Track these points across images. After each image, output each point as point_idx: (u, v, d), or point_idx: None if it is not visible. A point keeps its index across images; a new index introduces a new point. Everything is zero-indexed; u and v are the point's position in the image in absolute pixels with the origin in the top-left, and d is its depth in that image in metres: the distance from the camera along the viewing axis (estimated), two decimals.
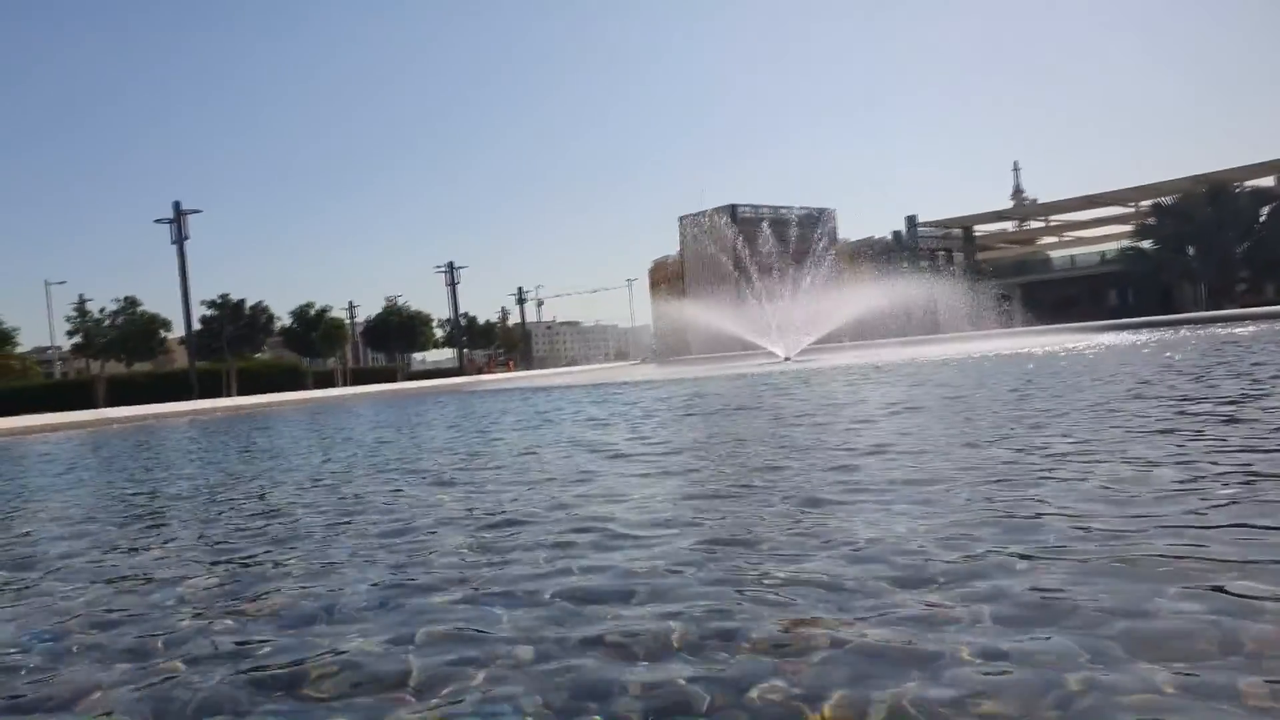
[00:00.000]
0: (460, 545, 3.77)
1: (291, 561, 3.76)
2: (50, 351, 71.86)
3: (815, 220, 68.18)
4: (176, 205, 42.43)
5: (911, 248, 79.12)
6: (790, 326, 37.62)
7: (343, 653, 2.46)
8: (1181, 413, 6.46)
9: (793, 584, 2.80)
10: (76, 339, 60.76)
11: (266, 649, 2.58)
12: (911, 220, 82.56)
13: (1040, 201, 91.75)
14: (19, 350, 56.52)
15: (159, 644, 2.71)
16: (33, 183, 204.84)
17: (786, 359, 33.85)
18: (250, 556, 3.94)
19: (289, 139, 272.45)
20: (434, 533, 4.12)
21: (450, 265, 70.43)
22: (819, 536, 3.41)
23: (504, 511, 4.52)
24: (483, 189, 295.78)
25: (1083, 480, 4.12)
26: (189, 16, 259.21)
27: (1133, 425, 5.94)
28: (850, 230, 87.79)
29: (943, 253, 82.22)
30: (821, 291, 40.93)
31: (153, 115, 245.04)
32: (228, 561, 3.89)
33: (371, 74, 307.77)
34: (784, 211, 70.58)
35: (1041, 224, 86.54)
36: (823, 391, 12.77)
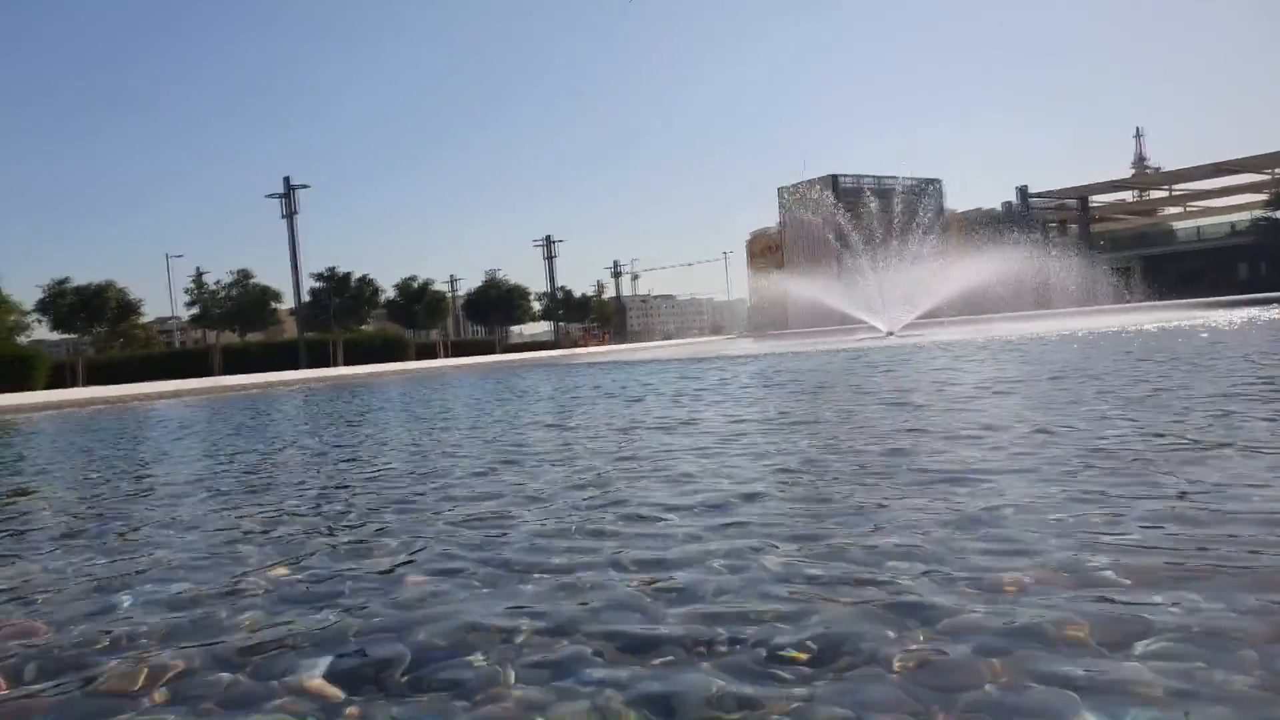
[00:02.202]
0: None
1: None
2: (171, 321, 75.49)
3: (921, 191, 65.99)
4: (287, 180, 43.76)
5: (1023, 219, 75.90)
6: (894, 300, 36.47)
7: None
8: None
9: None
10: (194, 310, 63.59)
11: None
12: (1023, 191, 79.25)
13: (1164, 170, 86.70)
14: (143, 320, 59.45)
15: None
16: (155, 160, 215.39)
17: (890, 334, 32.81)
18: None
19: (394, 116, 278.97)
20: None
21: (548, 239, 70.98)
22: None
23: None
24: (581, 163, 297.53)
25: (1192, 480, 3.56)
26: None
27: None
28: (958, 201, 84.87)
29: (1056, 225, 78.73)
30: (926, 264, 39.55)
31: (265, 94, 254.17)
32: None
33: (475, 52, 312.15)
34: (888, 182, 68.69)
35: (1164, 194, 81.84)
36: (934, 367, 12.11)
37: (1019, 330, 24.11)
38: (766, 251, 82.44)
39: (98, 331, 54.13)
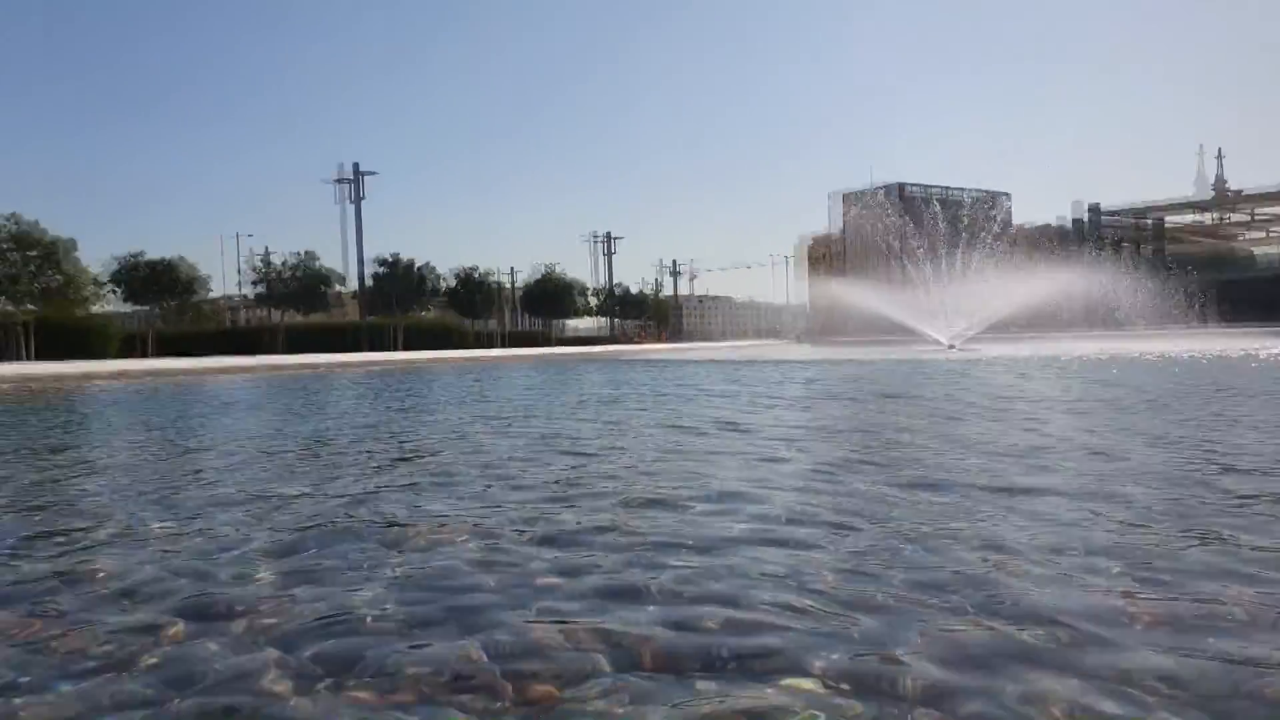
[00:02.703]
0: None
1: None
2: (235, 299, 77.09)
3: (988, 203, 64.79)
4: (355, 166, 44.49)
5: (1092, 236, 74.04)
6: (956, 312, 35.82)
7: None
8: None
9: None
10: (259, 289, 64.80)
11: None
12: (1094, 208, 77.31)
13: (1244, 192, 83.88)
14: (210, 296, 60.74)
15: None
16: (224, 140, 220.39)
17: (950, 346, 32.24)
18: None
19: (457, 106, 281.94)
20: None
21: (606, 235, 71.14)
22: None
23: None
24: (641, 159, 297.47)
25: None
26: None
27: None
28: (1025, 215, 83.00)
29: (1128, 244, 76.67)
30: (991, 278, 38.78)
31: (331, 80, 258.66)
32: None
33: (536, 46, 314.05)
34: (954, 193, 67.56)
35: (1246, 217, 79.15)
36: (1002, 382, 11.80)
37: (1088, 349, 23.48)
38: (826, 257, 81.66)
39: (167, 305, 55.50)
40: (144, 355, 34.93)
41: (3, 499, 4.36)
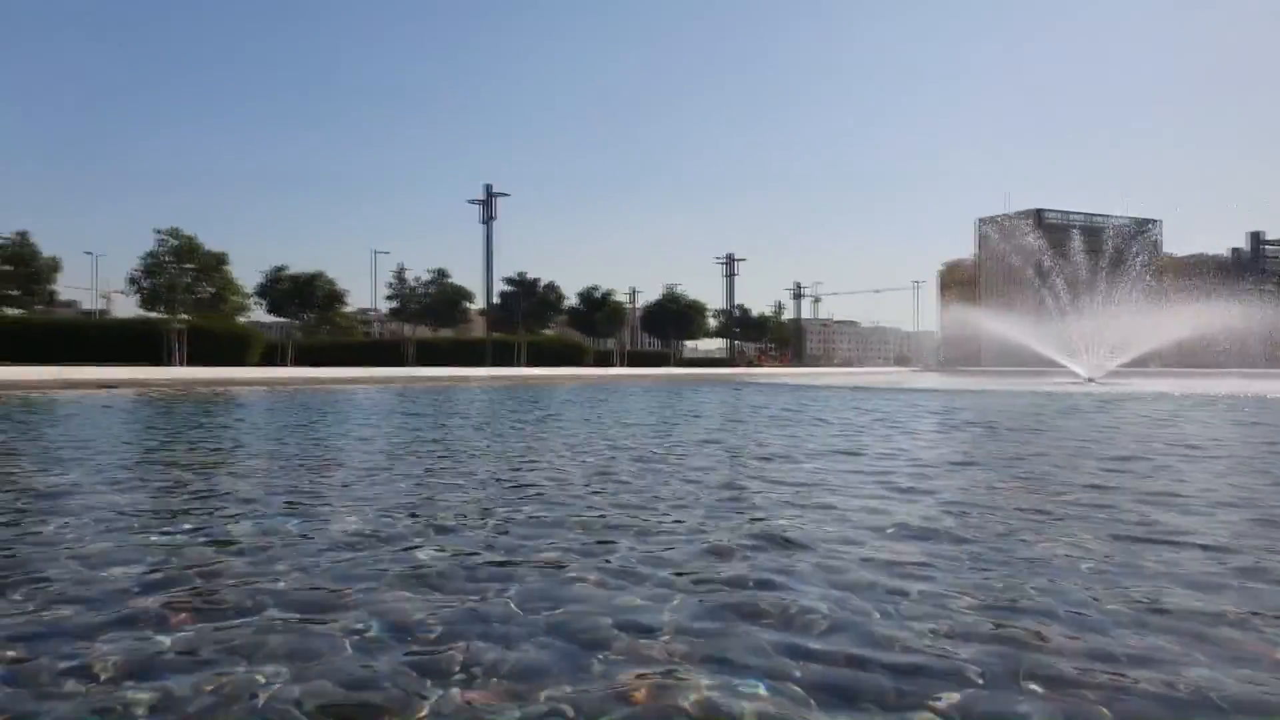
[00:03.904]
0: None
1: None
2: (370, 312, 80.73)
3: (1135, 231, 61.31)
4: (488, 188, 45.68)
5: (1255, 267, 69.07)
6: (1098, 345, 33.93)
7: None
8: None
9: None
10: (393, 304, 67.67)
11: None
12: (1256, 237, 72.19)
13: None
14: (346, 310, 63.80)
15: None
16: (362, 159, 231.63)
17: (1090, 380, 30.53)
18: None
19: (585, 126, 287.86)
20: None
21: (729, 257, 70.83)
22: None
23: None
24: (767, 180, 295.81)
25: None
26: (498, 13, 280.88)
27: None
28: (1177, 245, 78.23)
29: None
30: (1137, 309, 36.58)
31: (464, 104, 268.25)
32: None
33: (664, 68, 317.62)
34: (1099, 220, 64.27)
35: None
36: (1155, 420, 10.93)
37: (1243, 389, 21.72)
38: (960, 284, 79.10)
39: (307, 317, 58.52)
40: (283, 364, 36.77)
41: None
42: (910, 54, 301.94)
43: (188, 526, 3.75)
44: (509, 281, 68.44)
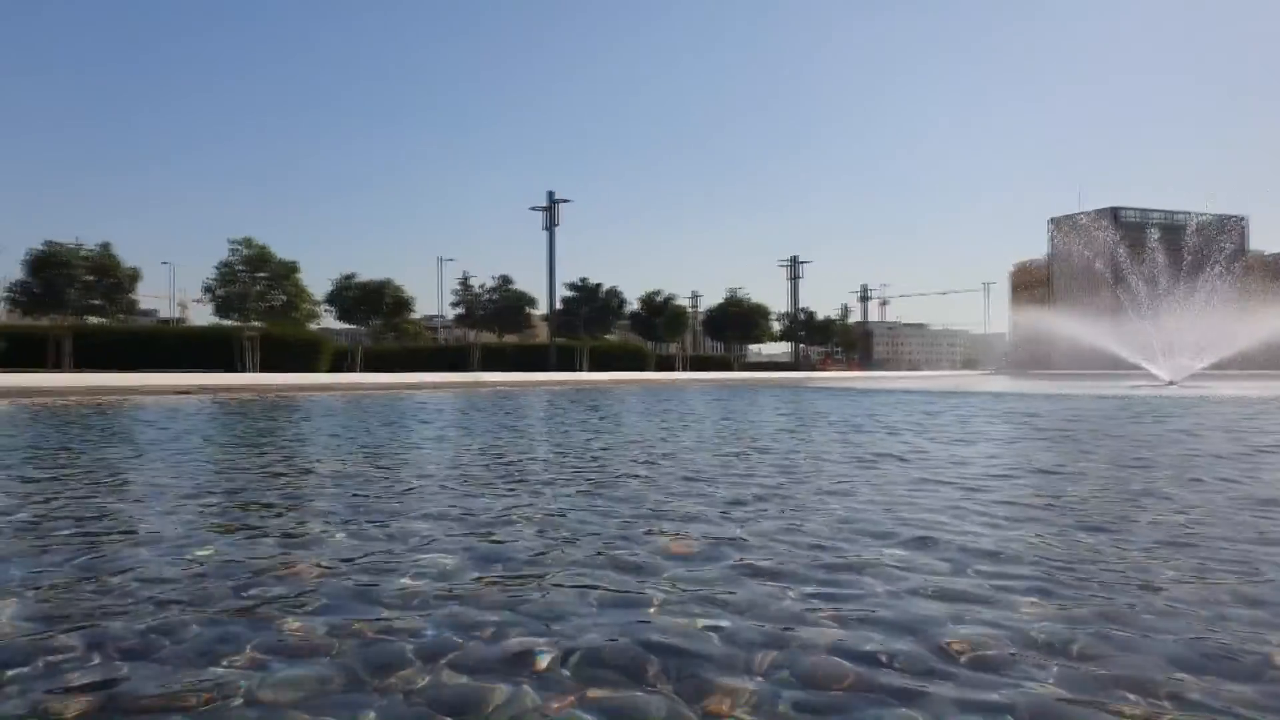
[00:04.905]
0: None
1: None
2: (436, 319, 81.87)
3: (1218, 228, 58.95)
4: (550, 195, 45.91)
5: None
6: (1179, 347, 32.69)
7: None
8: None
9: None
10: (459, 310, 68.55)
11: None
12: None
13: None
14: (413, 316, 64.77)
15: None
16: (427, 170, 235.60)
17: (1171, 383, 29.39)
18: None
19: (645, 130, 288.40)
20: None
21: (793, 259, 70.15)
22: None
23: None
24: (831, 181, 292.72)
25: None
26: (561, 22, 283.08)
27: None
28: (1266, 242, 75.10)
29: None
30: (1222, 310, 35.16)
31: (528, 111, 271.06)
32: None
33: (726, 72, 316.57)
34: (1178, 217, 62.04)
35: None
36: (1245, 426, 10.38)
37: None
38: (1032, 285, 77.16)
39: (375, 324, 59.58)
40: (352, 370, 37.44)
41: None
42: (980, 51, 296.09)
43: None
44: (571, 287, 68.84)
